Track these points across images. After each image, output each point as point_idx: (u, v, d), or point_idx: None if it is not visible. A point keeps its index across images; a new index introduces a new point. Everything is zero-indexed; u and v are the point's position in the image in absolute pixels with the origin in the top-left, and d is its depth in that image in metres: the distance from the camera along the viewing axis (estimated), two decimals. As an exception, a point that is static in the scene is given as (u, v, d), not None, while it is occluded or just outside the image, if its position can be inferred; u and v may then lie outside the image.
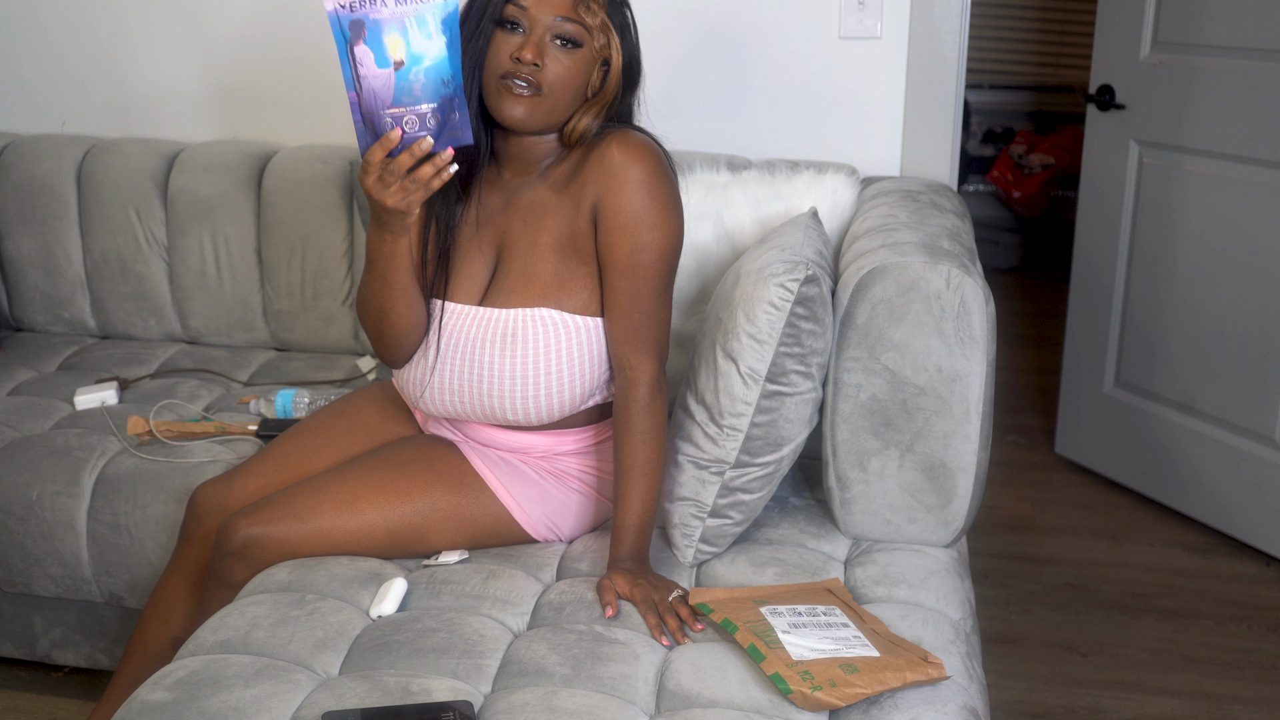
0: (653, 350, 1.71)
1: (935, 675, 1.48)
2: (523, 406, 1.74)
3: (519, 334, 1.70)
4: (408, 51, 1.47)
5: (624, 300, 1.69)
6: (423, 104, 1.49)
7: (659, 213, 1.68)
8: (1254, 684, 2.41)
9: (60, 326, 2.74)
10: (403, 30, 1.46)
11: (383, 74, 1.47)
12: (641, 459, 1.69)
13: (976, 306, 1.75)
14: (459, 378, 1.74)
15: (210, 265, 2.63)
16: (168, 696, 1.44)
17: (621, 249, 1.68)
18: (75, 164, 2.68)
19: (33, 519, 2.10)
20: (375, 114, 1.49)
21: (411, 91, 1.48)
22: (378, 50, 1.46)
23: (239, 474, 1.88)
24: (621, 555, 1.68)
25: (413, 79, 1.48)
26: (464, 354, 1.73)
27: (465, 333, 1.73)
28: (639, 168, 1.67)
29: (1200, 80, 2.82)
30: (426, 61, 1.47)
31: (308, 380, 2.46)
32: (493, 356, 1.71)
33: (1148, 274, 3.01)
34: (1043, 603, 2.68)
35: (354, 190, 2.53)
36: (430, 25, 1.46)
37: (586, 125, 1.71)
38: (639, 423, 1.70)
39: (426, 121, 1.50)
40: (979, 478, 1.82)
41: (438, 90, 1.49)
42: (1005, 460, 3.31)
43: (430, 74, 1.48)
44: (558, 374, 1.72)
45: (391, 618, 1.61)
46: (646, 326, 1.71)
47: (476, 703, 1.45)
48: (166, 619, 1.87)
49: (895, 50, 2.49)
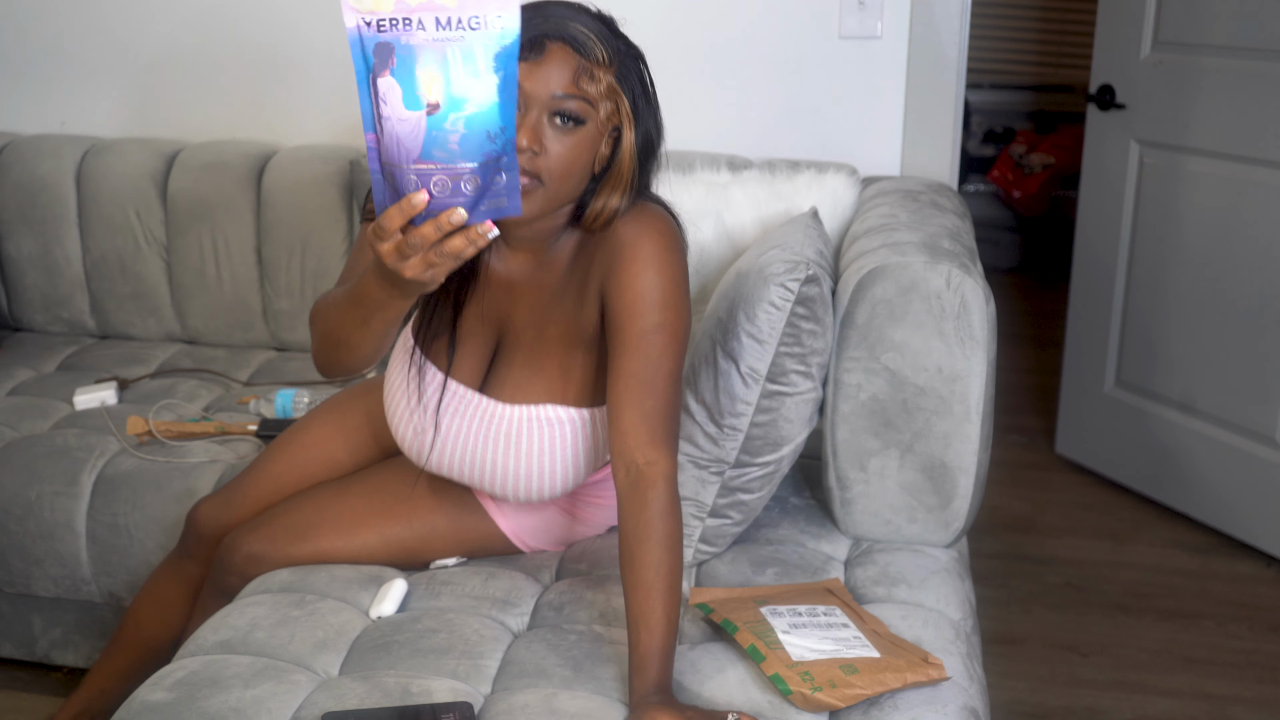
0: (668, 442, 1.50)
1: (935, 676, 1.48)
2: (525, 494, 1.67)
3: (524, 433, 1.61)
4: (446, 92, 1.12)
5: (636, 386, 1.50)
6: (460, 162, 1.14)
7: (671, 291, 1.51)
8: (1255, 684, 2.40)
9: (59, 326, 2.74)
10: (443, 64, 1.11)
11: (411, 117, 1.12)
12: (665, 568, 1.45)
13: (977, 306, 1.75)
14: (459, 462, 1.67)
15: (210, 265, 2.62)
16: (167, 697, 1.43)
17: (631, 330, 1.50)
18: (75, 164, 2.68)
19: (32, 519, 2.10)
20: (397, 166, 1.15)
21: (446, 144, 1.13)
22: (408, 85, 1.12)
23: (235, 491, 1.86)
24: (648, 688, 1.41)
25: (449, 128, 1.13)
26: (465, 443, 1.65)
27: (467, 423, 1.64)
28: (650, 244, 1.51)
29: (1201, 80, 2.81)
30: (470, 107, 1.12)
31: (307, 380, 2.45)
32: (495, 452, 1.63)
33: (1148, 274, 3.01)
34: (1043, 603, 2.68)
35: (354, 190, 2.53)
36: (479, 60, 1.11)
37: (614, 208, 1.51)
38: (660, 527, 1.46)
39: (463, 185, 1.15)
40: (979, 478, 1.81)
41: (481, 145, 1.14)
42: (1006, 460, 3.31)
43: (473, 124, 1.13)
44: (562, 467, 1.65)
45: (391, 618, 1.61)
46: (661, 414, 1.50)
47: (476, 704, 1.45)
48: (166, 621, 1.87)
49: (896, 50, 2.49)
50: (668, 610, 1.43)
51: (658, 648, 1.42)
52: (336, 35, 2.68)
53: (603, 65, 1.45)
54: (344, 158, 2.58)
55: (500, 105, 1.14)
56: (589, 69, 1.44)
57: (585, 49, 1.44)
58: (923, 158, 2.53)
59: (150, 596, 1.91)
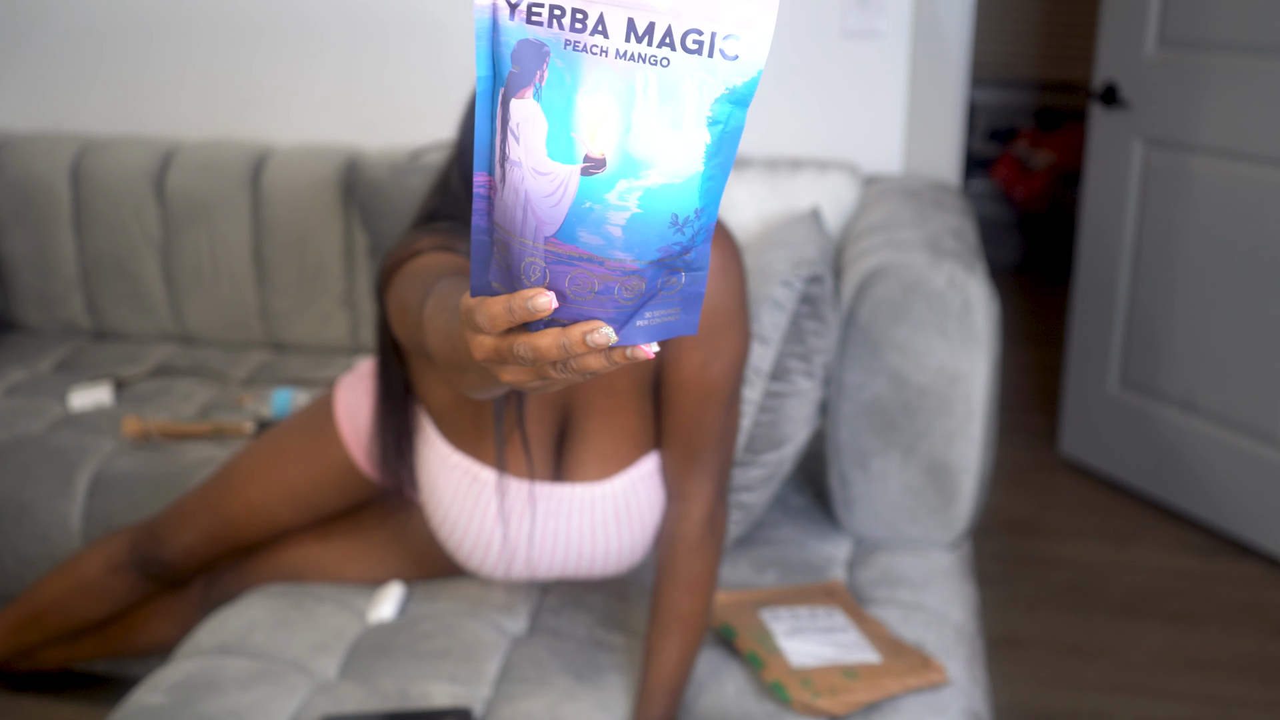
0: (710, 477, 1.43)
1: (936, 680, 1.47)
2: (641, 558, 1.57)
3: (633, 502, 1.49)
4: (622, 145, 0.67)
5: (685, 419, 1.41)
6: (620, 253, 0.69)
7: (734, 309, 1.39)
8: (1259, 687, 2.39)
9: (55, 326, 2.73)
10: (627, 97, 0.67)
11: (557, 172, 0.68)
12: (684, 610, 1.41)
13: (979, 306, 1.74)
14: (563, 560, 1.53)
15: (206, 264, 2.61)
16: (164, 700, 1.42)
17: (692, 361, 1.39)
18: (70, 162, 2.66)
19: (26, 520, 2.09)
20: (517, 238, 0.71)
21: (604, 226, 0.69)
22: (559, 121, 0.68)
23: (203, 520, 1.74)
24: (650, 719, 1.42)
25: (616, 202, 0.68)
26: (567, 540, 1.50)
27: (566, 520, 1.49)
28: (717, 255, 1.37)
29: (1205, 77, 2.80)
30: (656, 175, 0.68)
31: (304, 380, 2.44)
32: (609, 535, 1.50)
33: (1152, 273, 2.99)
34: (1046, 605, 2.67)
35: (351, 190, 2.51)
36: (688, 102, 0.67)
37: None
38: (685, 569, 1.41)
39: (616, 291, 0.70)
40: (982, 478, 1.80)
41: (661, 236, 0.69)
42: (1008, 461, 3.30)
43: (656, 202, 0.68)
44: (654, 522, 1.54)
45: (389, 622, 1.60)
46: (709, 449, 1.42)
47: (476, 708, 1.43)
48: (88, 611, 1.88)
49: (898, 47, 2.48)
50: (681, 652, 1.41)
51: (666, 685, 1.41)
52: (336, 34, 2.67)
53: None
54: (341, 157, 2.57)
55: (705, 177, 0.69)
56: None
57: None
58: (925, 156, 2.51)
59: (74, 580, 1.86)
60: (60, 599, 1.89)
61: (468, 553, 1.55)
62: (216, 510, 1.74)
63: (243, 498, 1.71)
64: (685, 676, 1.42)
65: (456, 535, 1.53)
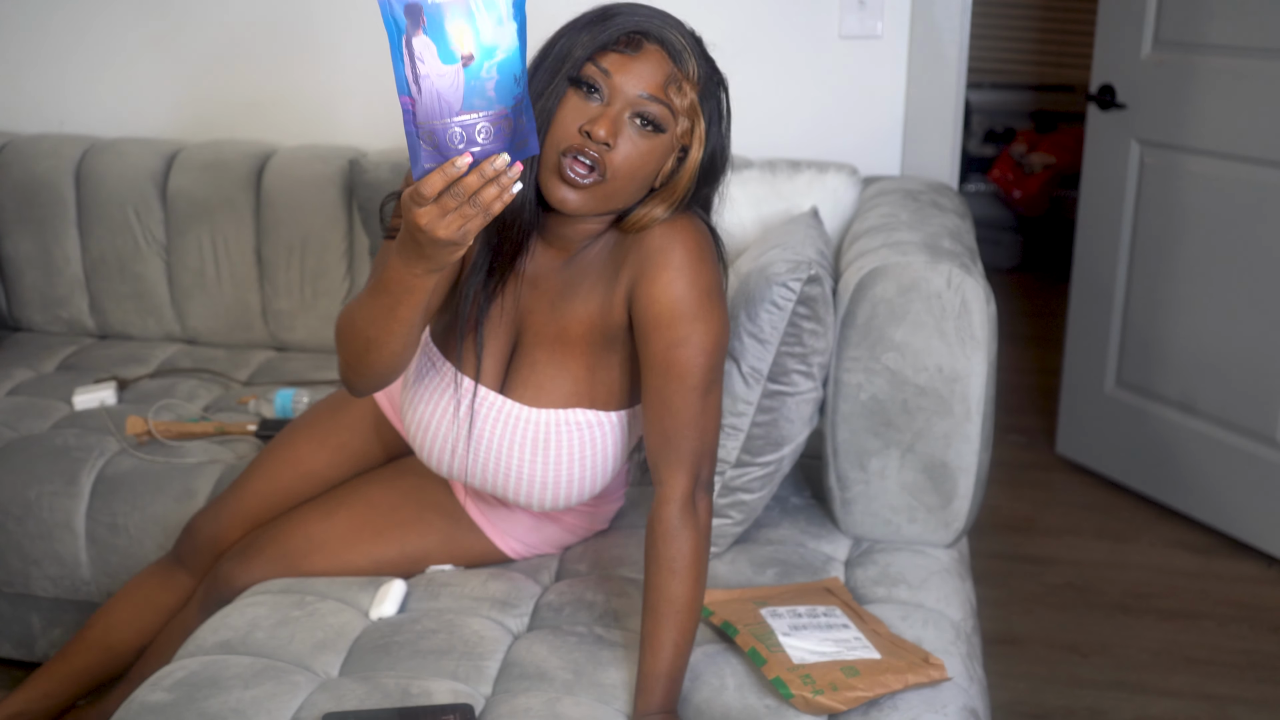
0: (686, 463, 1.47)
1: (936, 676, 1.48)
2: (551, 500, 1.63)
3: (552, 438, 1.56)
4: (477, 43, 1.16)
5: (657, 402, 1.48)
6: (498, 105, 1.18)
7: (699, 303, 1.46)
8: (1255, 685, 2.40)
9: (59, 326, 2.74)
10: (469, 16, 1.15)
11: (448, 71, 1.16)
12: (671, 593, 1.45)
13: (977, 306, 1.75)
14: (483, 469, 1.61)
15: (209, 265, 2.62)
16: (167, 697, 1.43)
17: (656, 343, 1.47)
18: (74, 163, 2.67)
19: (31, 519, 2.10)
20: (439, 122, 1.18)
21: (484, 91, 1.17)
22: (440, 41, 1.15)
23: (229, 503, 1.85)
24: (651, 709, 1.43)
25: (485, 76, 1.17)
26: (490, 449, 1.59)
27: (493, 428, 1.57)
28: (681, 252, 1.46)
29: (1201, 79, 2.81)
30: (500, 54, 1.17)
31: (307, 380, 2.45)
32: (523, 459, 1.57)
33: (1149, 274, 3.00)
34: (1044, 603, 2.68)
35: (353, 190, 2.52)
36: (501, 8, 1.16)
37: (654, 218, 1.47)
38: (665, 550, 1.46)
39: (502, 129, 1.19)
40: (980, 478, 1.81)
41: (511, 89, 1.18)
42: (1006, 460, 3.30)
43: (503, 70, 1.17)
44: (590, 471, 1.60)
45: (391, 619, 1.61)
46: (682, 434, 1.47)
47: (477, 705, 1.44)
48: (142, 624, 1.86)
49: (896, 49, 2.49)
50: (674, 636, 1.44)
51: (662, 671, 1.43)
52: (336, 34, 2.68)
53: (691, 80, 1.44)
54: (344, 158, 2.58)
55: (519, 50, 1.18)
56: (678, 80, 1.43)
57: (680, 59, 1.43)
58: (923, 157, 2.52)
59: (129, 599, 1.88)
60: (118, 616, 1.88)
61: (420, 439, 1.64)
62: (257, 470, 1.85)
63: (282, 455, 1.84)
64: (682, 663, 1.44)
65: (415, 417, 1.64)
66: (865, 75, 2.51)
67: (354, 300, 1.47)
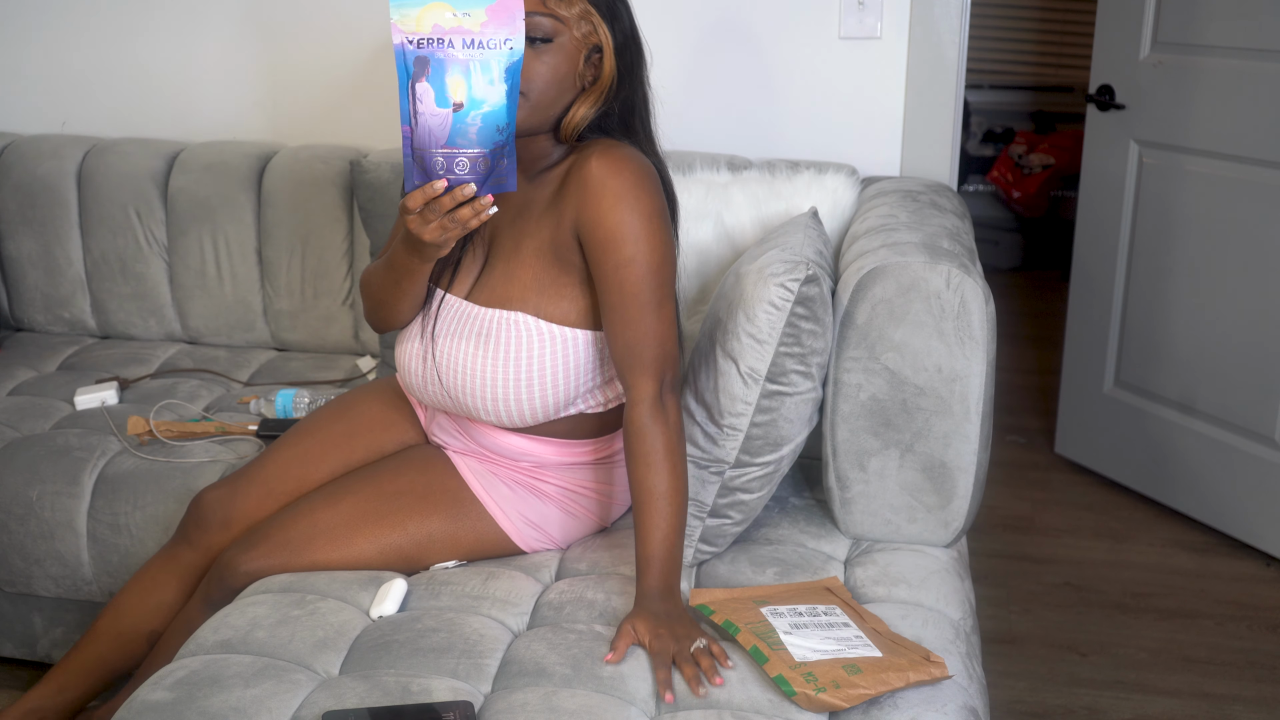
0: (650, 369, 1.64)
1: (938, 675, 1.48)
2: (492, 406, 1.72)
3: (492, 335, 1.69)
4: (469, 94, 1.45)
5: (615, 319, 1.64)
6: (476, 148, 1.47)
7: (641, 225, 1.61)
8: (1254, 684, 2.41)
9: (60, 326, 2.74)
10: (466, 73, 1.44)
11: (441, 114, 1.46)
12: (650, 484, 1.61)
13: (976, 306, 1.75)
14: (443, 370, 1.74)
15: (210, 265, 2.63)
16: (168, 696, 1.44)
17: (606, 265, 1.63)
18: (75, 164, 2.68)
19: (33, 519, 2.10)
20: (427, 151, 1.48)
21: (467, 134, 1.46)
22: (439, 90, 1.45)
23: (241, 485, 1.87)
24: (647, 589, 1.59)
25: (469, 122, 1.46)
26: (444, 346, 1.73)
27: (447, 325, 1.73)
28: (617, 181, 1.61)
29: (1200, 80, 2.82)
30: (486, 107, 1.46)
31: (308, 380, 2.46)
32: (466, 352, 1.71)
33: (1148, 274, 3.01)
34: (1042, 603, 2.68)
35: (354, 190, 2.53)
36: (494, 71, 1.44)
37: (582, 116, 1.65)
38: (640, 445, 1.62)
39: (477, 165, 1.48)
40: (979, 478, 1.82)
41: (491, 136, 1.47)
42: (1005, 460, 3.31)
43: (487, 120, 1.46)
44: (527, 379, 1.69)
45: (391, 618, 1.61)
46: (642, 345, 1.63)
47: (477, 703, 1.45)
48: (150, 610, 1.86)
49: (895, 50, 2.49)
50: (660, 523, 1.60)
51: (654, 554, 1.59)
52: (337, 35, 2.68)
53: None
54: (344, 158, 2.59)
55: (507, 107, 1.46)
56: None
57: None
58: (922, 158, 2.53)
59: (136, 585, 1.88)
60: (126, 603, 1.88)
61: (401, 360, 1.81)
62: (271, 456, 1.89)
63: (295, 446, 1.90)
64: (672, 547, 1.60)
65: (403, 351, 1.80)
66: (865, 76, 2.51)
67: (374, 264, 1.80)
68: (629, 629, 1.54)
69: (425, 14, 1.43)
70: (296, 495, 1.85)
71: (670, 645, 1.51)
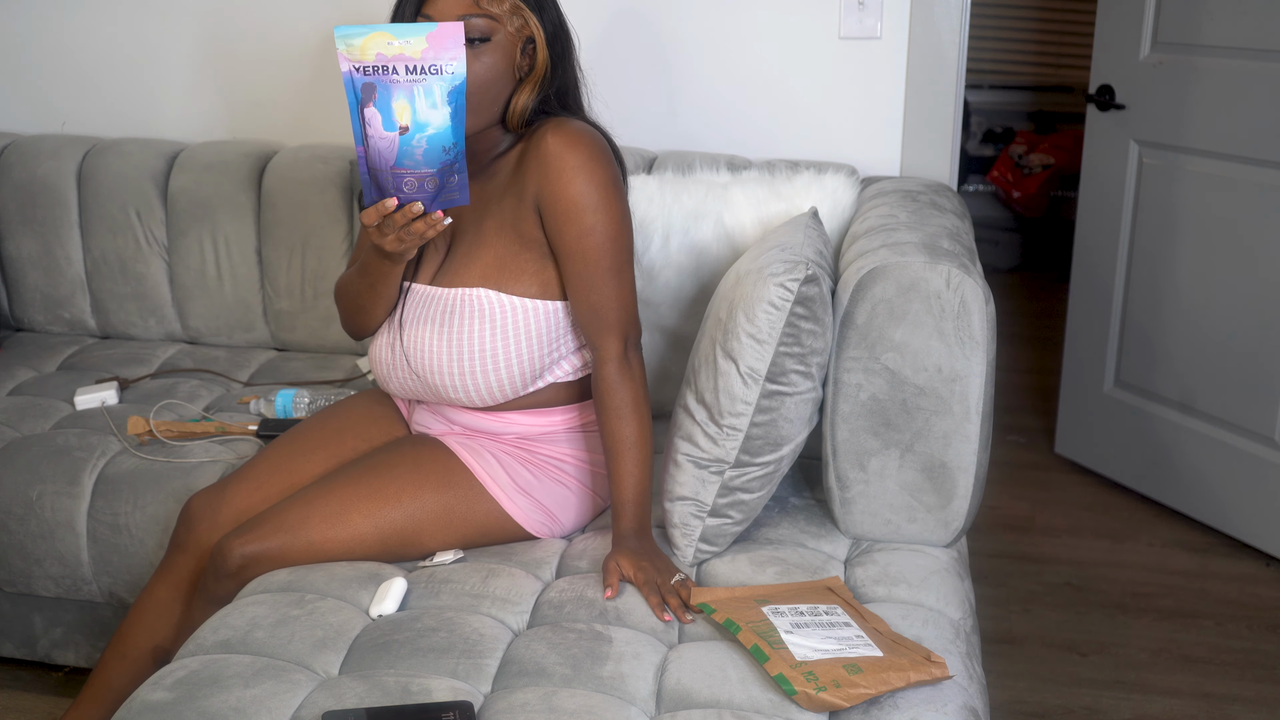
0: (614, 329, 1.75)
1: (939, 674, 1.48)
2: (460, 384, 1.77)
3: (454, 313, 1.75)
4: (413, 118, 1.51)
5: (580, 285, 1.74)
6: (423, 168, 1.54)
7: (599, 195, 1.71)
8: (1254, 684, 2.41)
9: (60, 326, 2.74)
10: (410, 98, 1.50)
11: (389, 136, 1.52)
12: (621, 434, 1.73)
13: (976, 306, 1.75)
14: (411, 355, 1.79)
15: (210, 265, 2.63)
16: (167, 696, 1.44)
17: (568, 235, 1.72)
18: (75, 164, 2.68)
19: (33, 519, 2.11)
20: (379, 171, 1.55)
21: (414, 155, 1.53)
22: (386, 114, 1.51)
23: (230, 483, 1.88)
24: (624, 530, 1.72)
25: (415, 144, 1.52)
26: (411, 332, 1.79)
27: (413, 311, 1.79)
28: (574, 155, 1.70)
29: (1200, 80, 2.82)
30: (430, 129, 1.52)
31: (308, 380, 2.46)
32: (431, 334, 1.76)
33: (1148, 274, 3.01)
34: (1042, 603, 2.68)
35: (353, 191, 2.53)
36: (436, 96, 1.51)
37: (524, 104, 1.73)
38: (610, 399, 1.74)
39: (425, 185, 1.55)
40: (979, 478, 1.82)
41: (438, 157, 1.54)
42: (1005, 460, 3.31)
43: (432, 141, 1.53)
44: (492, 354, 1.75)
45: (391, 617, 1.62)
46: (606, 308, 1.74)
47: (476, 702, 1.45)
48: (151, 626, 1.86)
49: (895, 50, 2.49)
50: (631, 469, 1.73)
51: (628, 499, 1.73)
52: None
53: None
54: (344, 158, 2.59)
55: (452, 128, 1.53)
56: None
57: None
58: (922, 158, 2.53)
59: (139, 606, 1.88)
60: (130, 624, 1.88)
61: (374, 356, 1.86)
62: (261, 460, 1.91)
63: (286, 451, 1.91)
64: (644, 491, 1.74)
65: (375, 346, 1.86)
66: (865, 76, 2.51)
67: (348, 273, 1.87)
68: (614, 565, 1.68)
69: (369, 43, 1.49)
70: (286, 491, 1.85)
71: (654, 575, 1.66)
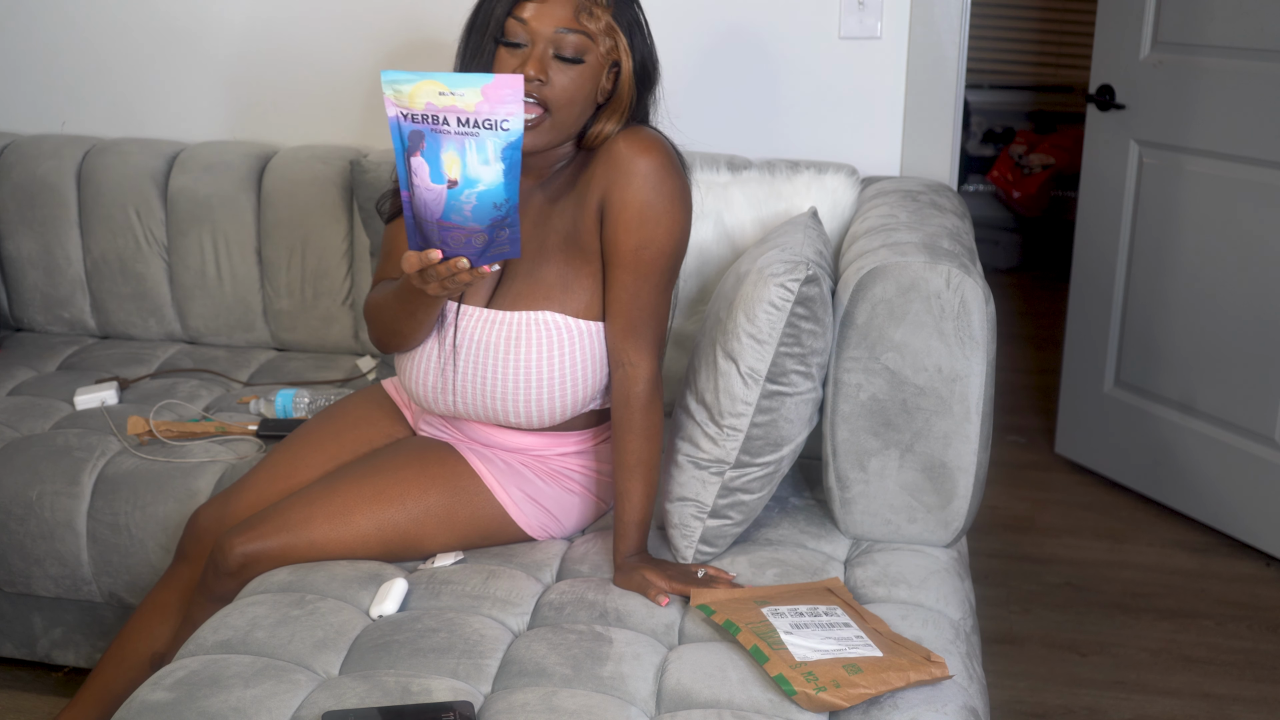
0: (651, 347, 1.71)
1: (939, 674, 1.48)
2: (525, 409, 1.74)
3: (523, 337, 1.70)
4: (463, 173, 1.40)
5: (625, 296, 1.69)
6: (471, 224, 1.44)
7: (664, 207, 1.67)
8: (1254, 684, 2.41)
9: (60, 326, 2.74)
10: (461, 151, 1.39)
11: (436, 189, 1.42)
12: (643, 456, 1.71)
13: (976, 306, 1.75)
14: (465, 379, 1.74)
15: (210, 265, 2.63)
16: (168, 696, 1.44)
17: (626, 244, 1.67)
18: (75, 164, 2.68)
19: (33, 519, 2.10)
20: (424, 221, 1.46)
21: (462, 211, 1.42)
22: (434, 165, 1.41)
23: (235, 494, 1.87)
24: (628, 551, 1.71)
25: (464, 200, 1.42)
26: (471, 356, 1.73)
27: (473, 335, 1.73)
28: (646, 161, 1.66)
29: (1200, 80, 2.82)
30: (481, 186, 1.41)
31: (308, 380, 2.46)
32: (498, 359, 1.71)
33: (1148, 274, 3.01)
34: (1042, 603, 2.68)
35: (354, 190, 2.53)
36: (489, 152, 1.39)
37: (607, 131, 1.69)
38: (640, 420, 1.71)
39: (473, 240, 1.45)
40: (979, 478, 1.82)
41: (488, 214, 1.43)
42: (1005, 460, 3.31)
43: (483, 198, 1.42)
44: (559, 377, 1.72)
45: (391, 618, 1.61)
46: (647, 323, 1.70)
47: (477, 703, 1.45)
48: (151, 632, 1.86)
49: (895, 50, 2.49)
50: (645, 489, 1.71)
51: (636, 519, 1.71)
52: (336, 37, 2.68)
53: (601, 4, 1.63)
54: (344, 158, 2.59)
55: (505, 184, 1.42)
56: (589, 7, 1.62)
57: None
58: (922, 158, 2.53)
59: (140, 612, 1.89)
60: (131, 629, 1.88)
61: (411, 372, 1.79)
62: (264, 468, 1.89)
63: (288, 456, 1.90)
64: (649, 512, 1.73)
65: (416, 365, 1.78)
66: (865, 76, 2.51)
67: (383, 294, 1.77)
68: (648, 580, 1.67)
69: (418, 90, 1.38)
70: (288, 493, 1.85)
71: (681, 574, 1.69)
